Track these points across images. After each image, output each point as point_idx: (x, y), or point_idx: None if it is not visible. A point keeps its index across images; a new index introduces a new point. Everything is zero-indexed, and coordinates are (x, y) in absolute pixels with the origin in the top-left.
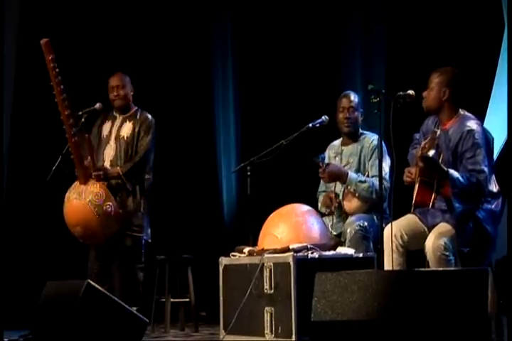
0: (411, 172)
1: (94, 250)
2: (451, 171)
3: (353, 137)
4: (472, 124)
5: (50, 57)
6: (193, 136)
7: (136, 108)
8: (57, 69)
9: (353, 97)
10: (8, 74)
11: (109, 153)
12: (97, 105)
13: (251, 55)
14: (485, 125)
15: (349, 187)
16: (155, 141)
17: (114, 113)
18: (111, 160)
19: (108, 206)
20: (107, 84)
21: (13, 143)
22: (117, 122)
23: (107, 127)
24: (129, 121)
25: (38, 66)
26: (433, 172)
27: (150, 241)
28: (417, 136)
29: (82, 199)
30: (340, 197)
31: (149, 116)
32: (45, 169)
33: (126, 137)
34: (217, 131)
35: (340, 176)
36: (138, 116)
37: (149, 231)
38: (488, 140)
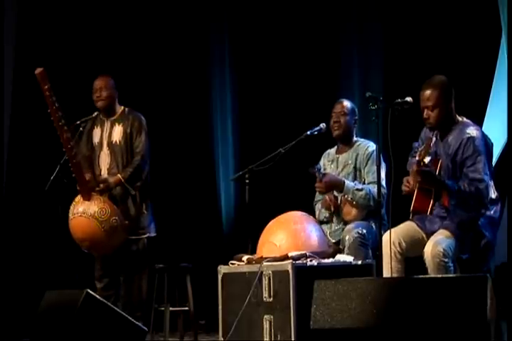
0: (409, 182)
1: (100, 257)
2: (449, 183)
3: (346, 142)
4: (472, 131)
5: (45, 87)
6: (190, 144)
7: (123, 108)
8: (54, 98)
9: (345, 103)
10: (8, 76)
11: (104, 160)
12: (95, 114)
13: (249, 63)
14: (483, 129)
15: (346, 195)
16: (149, 139)
17: (102, 117)
18: (107, 168)
19: (114, 220)
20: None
21: (12, 150)
22: (106, 127)
23: (97, 133)
24: (118, 124)
25: (36, 66)
26: (431, 184)
27: (154, 234)
28: (416, 144)
29: (87, 216)
30: (339, 203)
31: (139, 115)
32: (43, 178)
33: (119, 141)
34: (215, 139)
35: (336, 185)
36: (126, 117)
37: (153, 225)
38: (488, 145)
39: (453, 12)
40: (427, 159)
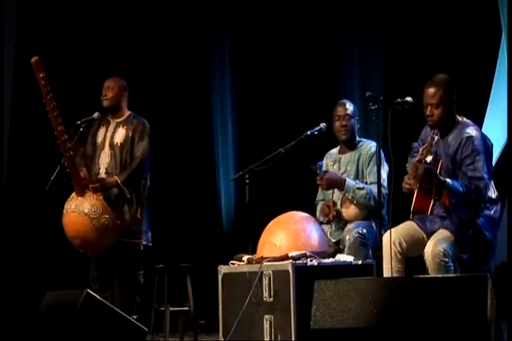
0: (410, 180)
1: (95, 258)
2: (449, 181)
3: (351, 145)
4: (471, 131)
5: (41, 76)
6: (191, 144)
7: (130, 113)
8: (48, 87)
9: (348, 105)
10: (8, 76)
11: (104, 159)
12: (95, 114)
13: (249, 63)
14: (483, 129)
15: (347, 194)
16: (151, 145)
17: (109, 118)
18: (106, 168)
19: (105, 219)
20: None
21: (12, 150)
22: (111, 127)
23: (101, 133)
24: (123, 126)
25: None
26: (431, 182)
27: (151, 244)
28: (415, 144)
29: (79, 212)
30: (339, 205)
31: (143, 121)
32: (43, 178)
33: (121, 143)
34: (216, 140)
35: (338, 183)
36: (131, 121)
37: (149, 234)
38: (487, 146)
39: (453, 12)
40: (428, 158)
